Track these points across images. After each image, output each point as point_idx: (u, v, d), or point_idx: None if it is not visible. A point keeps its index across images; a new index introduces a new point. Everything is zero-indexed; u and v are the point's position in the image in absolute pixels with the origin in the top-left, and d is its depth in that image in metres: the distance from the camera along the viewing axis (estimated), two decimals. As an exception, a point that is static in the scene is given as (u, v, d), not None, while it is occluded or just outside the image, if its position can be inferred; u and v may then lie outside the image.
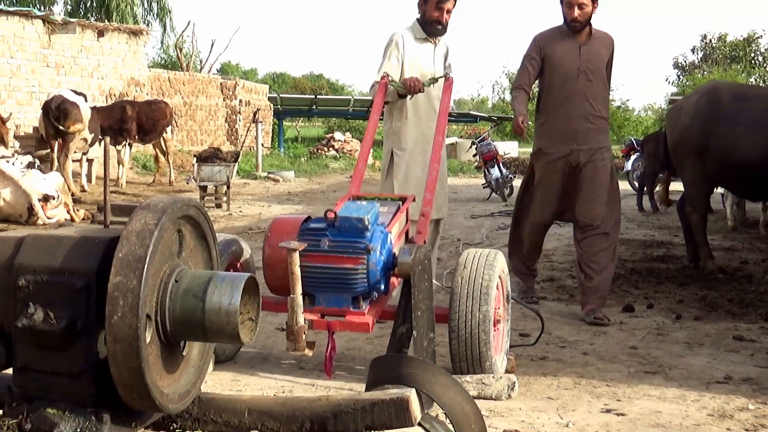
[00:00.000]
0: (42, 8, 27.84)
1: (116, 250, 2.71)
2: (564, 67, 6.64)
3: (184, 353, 3.05)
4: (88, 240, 2.89)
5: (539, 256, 7.40)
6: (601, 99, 6.72)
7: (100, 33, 19.47)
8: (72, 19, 18.86)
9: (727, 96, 8.28)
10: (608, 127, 6.86)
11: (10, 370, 2.96)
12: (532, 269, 7.25)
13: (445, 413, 3.22)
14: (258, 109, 22.73)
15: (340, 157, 28.25)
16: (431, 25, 6.24)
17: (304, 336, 4.04)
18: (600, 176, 6.65)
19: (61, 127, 14.15)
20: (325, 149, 29.63)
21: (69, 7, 32.56)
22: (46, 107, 14.41)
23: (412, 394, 3.10)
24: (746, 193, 9.29)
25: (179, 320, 2.87)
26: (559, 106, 6.66)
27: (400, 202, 5.16)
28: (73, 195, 13.18)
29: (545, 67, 6.73)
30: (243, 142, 21.14)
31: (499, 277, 4.84)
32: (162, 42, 37.95)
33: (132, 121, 16.60)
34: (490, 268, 4.71)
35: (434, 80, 6.14)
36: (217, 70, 42.40)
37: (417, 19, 6.34)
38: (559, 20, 6.81)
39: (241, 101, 27.48)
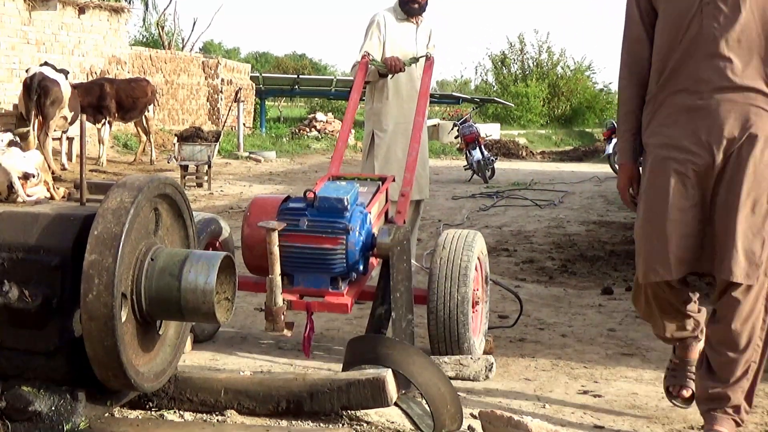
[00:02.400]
0: (22, -16, 27.54)
1: (92, 228, 2.70)
2: (675, 1, 3.60)
3: (161, 332, 3.05)
4: (64, 217, 2.88)
5: (688, 345, 3.92)
6: (750, 51, 3.46)
7: (81, 10, 19.29)
8: (52, -4, 18.68)
9: None
10: None
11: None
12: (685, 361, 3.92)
13: (420, 393, 3.23)
14: (240, 89, 22.62)
15: (322, 137, 28.16)
16: (408, 4, 6.24)
17: (282, 316, 4.03)
18: (751, 189, 3.43)
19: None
20: (307, 129, 29.52)
21: (50, -16, 32.25)
22: (27, 85, 14.30)
23: (388, 375, 3.11)
24: None
25: (155, 299, 2.86)
26: (675, 69, 3.59)
27: (380, 183, 5.16)
28: (53, 173, 13.09)
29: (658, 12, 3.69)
30: (224, 122, 21.06)
31: (478, 258, 4.84)
32: (144, 20, 37.70)
33: (111, 99, 16.47)
34: (469, 249, 4.71)
35: (415, 60, 6.12)
36: (199, 49, 42.14)
37: (397, 0, 6.34)
38: None
39: (223, 80, 27.34)
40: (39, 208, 3.00)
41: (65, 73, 15.26)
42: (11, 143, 12.11)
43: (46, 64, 15.10)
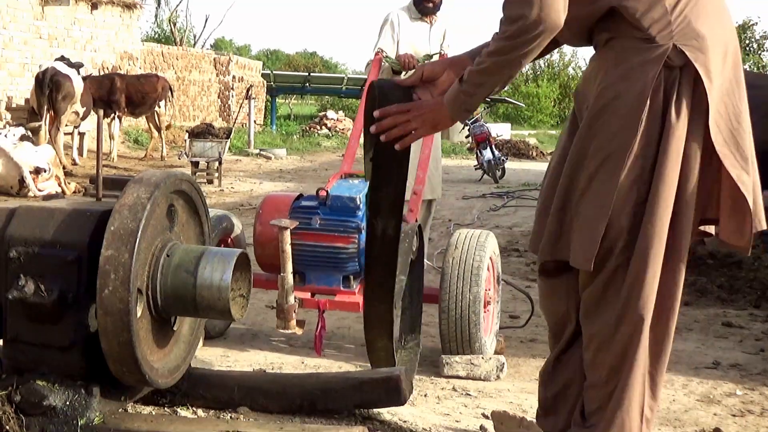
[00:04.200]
0: (35, -21, 27.61)
1: (108, 224, 2.70)
2: None
3: (175, 328, 3.05)
4: (80, 213, 2.88)
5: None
6: None
7: (94, 6, 19.34)
8: (65, -9, 18.73)
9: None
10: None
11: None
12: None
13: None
14: (251, 86, 22.65)
15: (332, 135, 28.18)
16: (422, 3, 6.24)
17: (294, 314, 4.03)
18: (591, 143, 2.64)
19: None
20: (318, 127, 29.55)
21: (62, -21, 32.32)
22: (39, 79, 14.33)
23: (402, 373, 3.11)
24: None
25: (170, 295, 2.86)
26: None
27: (393, 182, 5.15)
28: (64, 168, 13.12)
29: None
30: (235, 119, 21.11)
31: (490, 258, 4.83)
32: (156, 16, 37.95)
33: (121, 94, 16.51)
34: (481, 249, 4.71)
35: (429, 57, 6.13)
36: (211, 46, 42.25)
37: (412, -1, 6.35)
38: None
39: (234, 77, 27.38)
40: (55, 203, 3.00)
41: (80, 66, 15.26)
42: (23, 138, 12.15)
43: (62, 57, 15.12)
